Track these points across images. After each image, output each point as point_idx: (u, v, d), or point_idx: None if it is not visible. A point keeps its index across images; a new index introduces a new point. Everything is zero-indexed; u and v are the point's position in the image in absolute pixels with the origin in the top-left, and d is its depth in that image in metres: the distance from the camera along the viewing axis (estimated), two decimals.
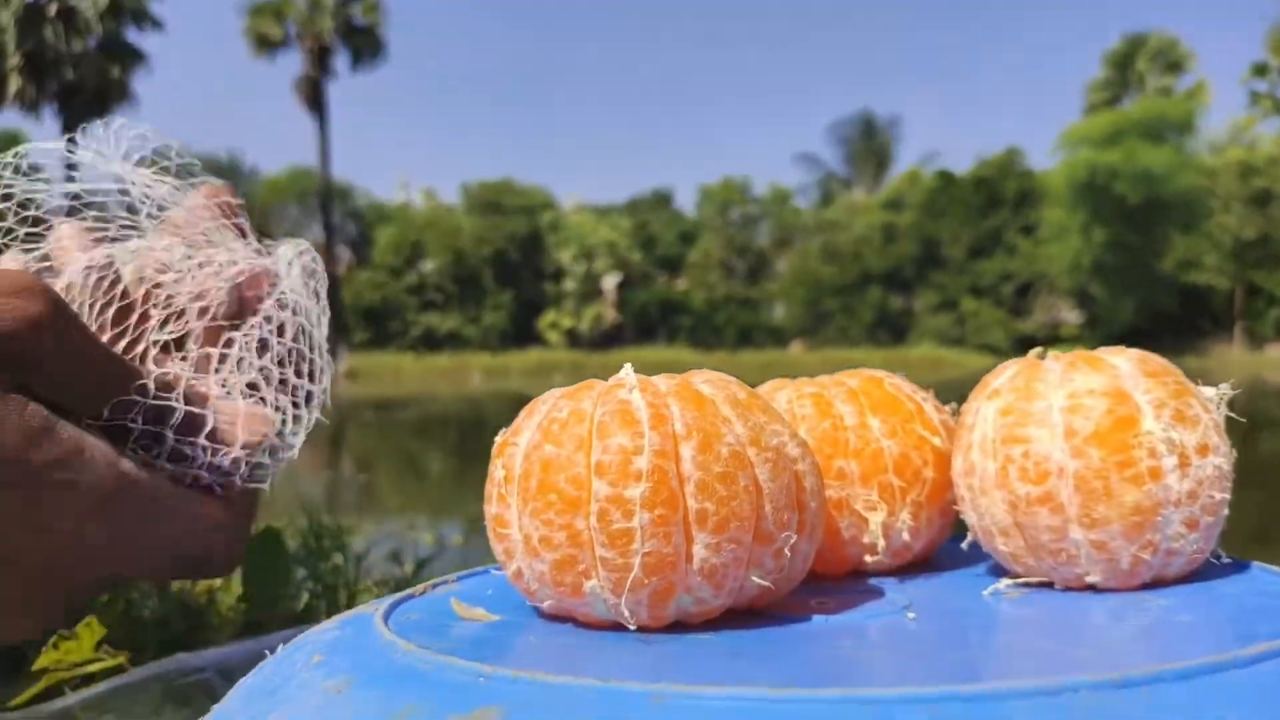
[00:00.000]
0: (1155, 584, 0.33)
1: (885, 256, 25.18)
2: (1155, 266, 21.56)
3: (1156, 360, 0.34)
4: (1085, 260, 21.60)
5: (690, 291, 26.84)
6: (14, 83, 17.94)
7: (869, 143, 29.97)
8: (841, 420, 0.38)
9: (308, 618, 0.72)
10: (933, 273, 24.80)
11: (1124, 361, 0.34)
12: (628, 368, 0.32)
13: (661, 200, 30.08)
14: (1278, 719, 0.20)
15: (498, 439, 0.32)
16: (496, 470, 0.31)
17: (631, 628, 0.29)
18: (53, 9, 17.98)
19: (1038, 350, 0.36)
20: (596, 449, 0.29)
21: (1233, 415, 0.34)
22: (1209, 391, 0.34)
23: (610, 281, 26.38)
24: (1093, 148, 21.43)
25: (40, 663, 0.57)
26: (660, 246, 27.83)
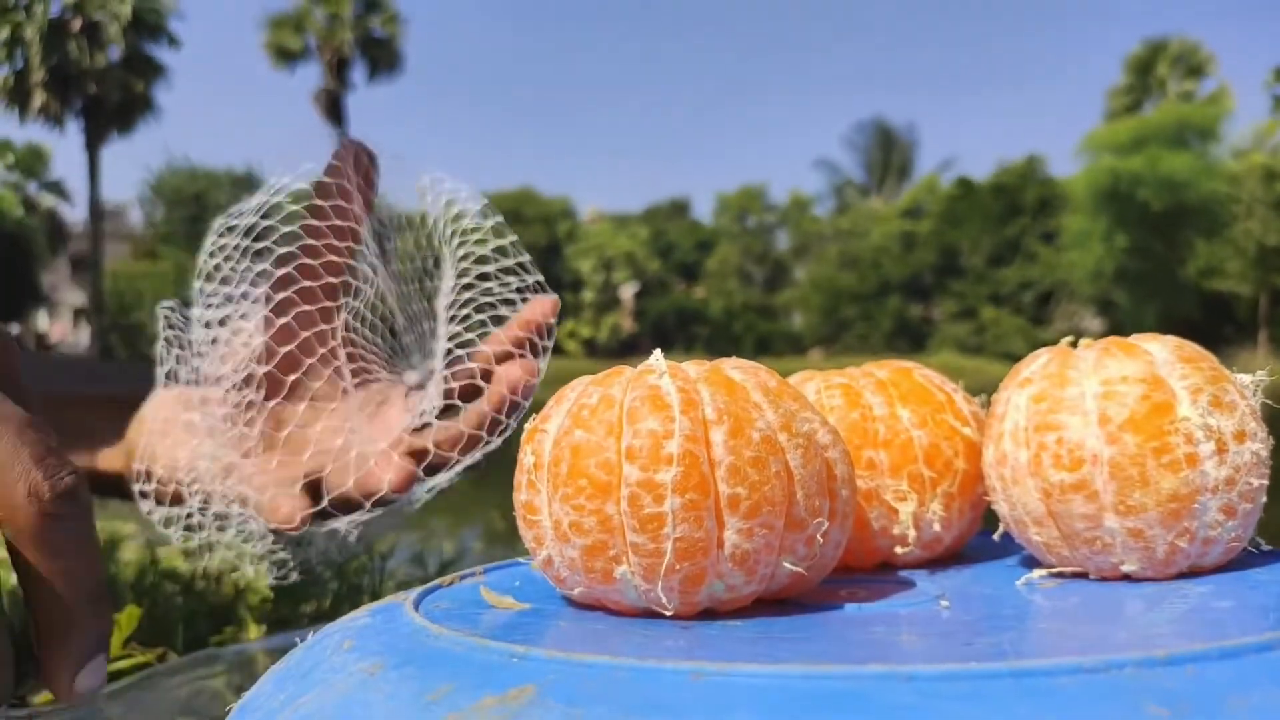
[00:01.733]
0: (1192, 573, 0.33)
1: (904, 264, 25.09)
2: (1178, 273, 21.38)
3: (1191, 346, 0.34)
4: (1107, 267, 21.45)
5: (708, 300, 26.82)
6: (38, 97, 18.16)
7: (887, 150, 29.89)
8: (871, 410, 0.38)
9: (334, 615, 0.72)
10: (952, 281, 24.68)
11: (1159, 347, 0.33)
12: (657, 353, 0.32)
13: (679, 208, 30.09)
14: None
15: (527, 426, 0.32)
16: (526, 457, 0.31)
17: (667, 613, 0.29)
18: (76, 25, 18.20)
19: (1069, 338, 0.36)
20: (627, 434, 0.29)
21: (1269, 402, 0.34)
22: (1245, 378, 0.34)
23: (628, 291, 26.40)
24: (1116, 154, 21.30)
25: None
26: (678, 255, 27.84)
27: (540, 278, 0.47)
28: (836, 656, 0.24)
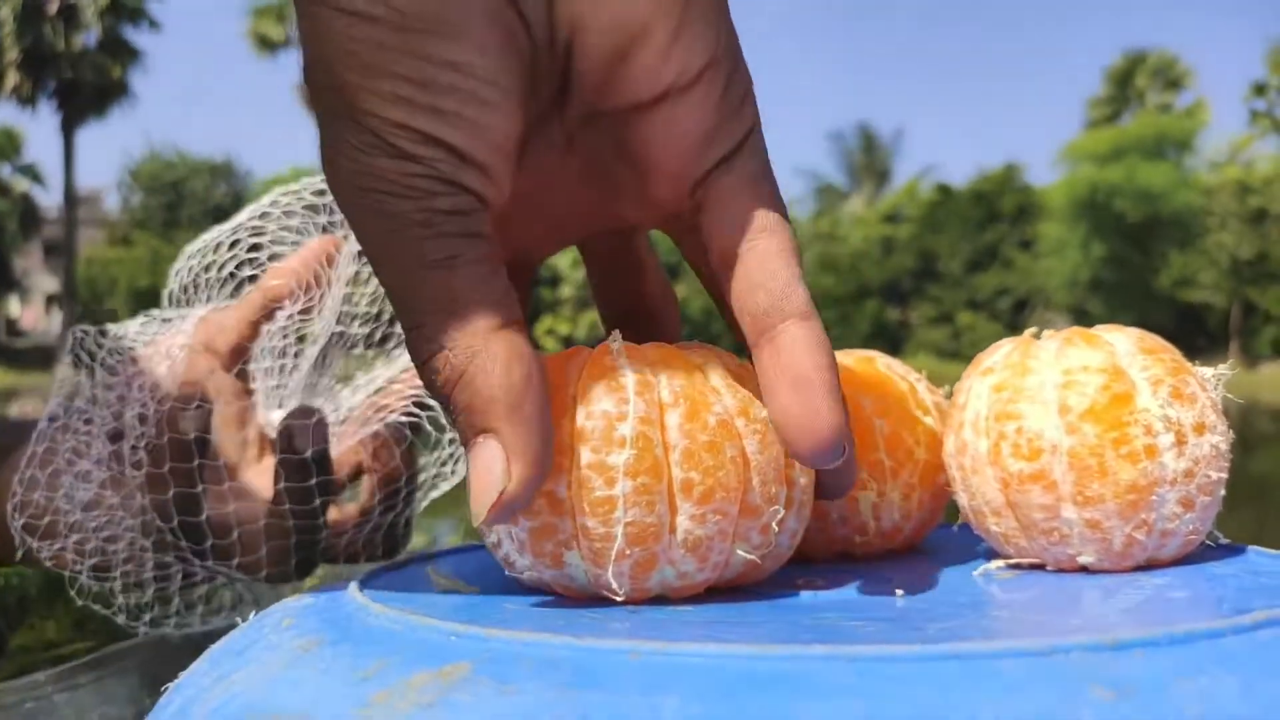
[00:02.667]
0: (1149, 566, 0.32)
1: (883, 269, 25.22)
2: (1152, 284, 21.63)
3: (1153, 338, 0.34)
4: (1083, 276, 21.67)
5: (688, 299, 26.82)
6: (11, 78, 17.94)
7: (868, 155, 30.03)
8: None
9: None
10: (930, 285, 24.84)
11: (1121, 338, 0.33)
12: (616, 335, 0.31)
13: None
14: (1274, 683, 0.19)
15: None
16: None
17: (619, 598, 0.28)
18: (53, 7, 17.98)
19: (1033, 329, 0.36)
20: (579, 415, 0.28)
21: (1230, 396, 0.33)
22: (1206, 371, 0.33)
23: None
24: (1094, 164, 21.51)
25: (17, 642, 0.56)
26: (658, 253, 27.80)
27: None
28: (783, 640, 0.23)
